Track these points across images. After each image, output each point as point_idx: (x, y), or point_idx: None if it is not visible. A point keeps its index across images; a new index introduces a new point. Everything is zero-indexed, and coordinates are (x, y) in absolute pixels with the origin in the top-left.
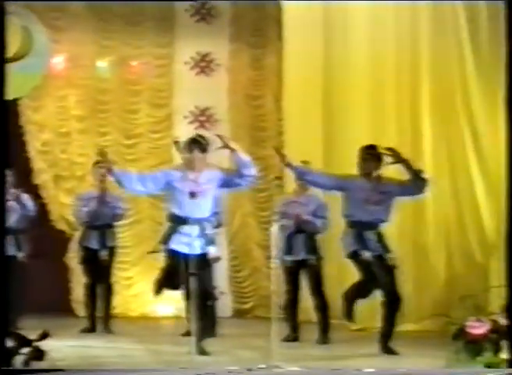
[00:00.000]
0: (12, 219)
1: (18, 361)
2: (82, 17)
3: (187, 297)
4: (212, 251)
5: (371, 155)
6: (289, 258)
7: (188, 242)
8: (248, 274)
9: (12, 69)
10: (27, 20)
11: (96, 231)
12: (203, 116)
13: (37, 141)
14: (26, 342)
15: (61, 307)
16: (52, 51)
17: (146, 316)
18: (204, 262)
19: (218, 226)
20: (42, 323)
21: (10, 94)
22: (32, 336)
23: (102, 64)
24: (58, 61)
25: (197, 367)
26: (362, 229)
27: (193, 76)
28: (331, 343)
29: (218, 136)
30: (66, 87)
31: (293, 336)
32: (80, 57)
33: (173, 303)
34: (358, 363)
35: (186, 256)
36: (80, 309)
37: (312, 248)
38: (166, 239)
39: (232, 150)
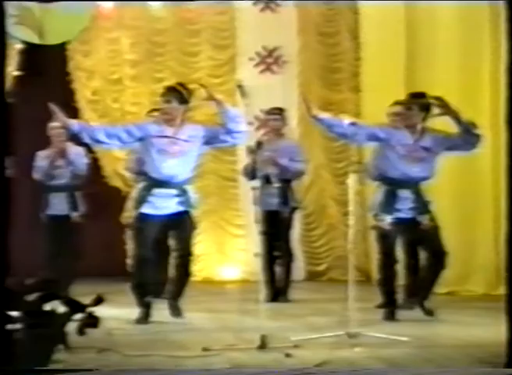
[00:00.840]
0: (64, 177)
1: (71, 328)
2: None
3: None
4: (193, 211)
5: (417, 104)
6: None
7: (162, 204)
8: (322, 233)
9: (55, 10)
10: None
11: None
12: (270, 58)
13: (87, 89)
14: (80, 308)
15: (116, 271)
16: None
17: (210, 279)
18: (184, 222)
19: (298, 175)
20: (93, 288)
21: (56, 38)
22: (86, 301)
23: (156, 2)
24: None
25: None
26: (397, 187)
27: (258, 13)
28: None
29: (201, 85)
30: (118, 28)
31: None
32: None
33: (240, 265)
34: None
35: (159, 218)
36: None
37: None
38: (139, 204)
39: (219, 102)
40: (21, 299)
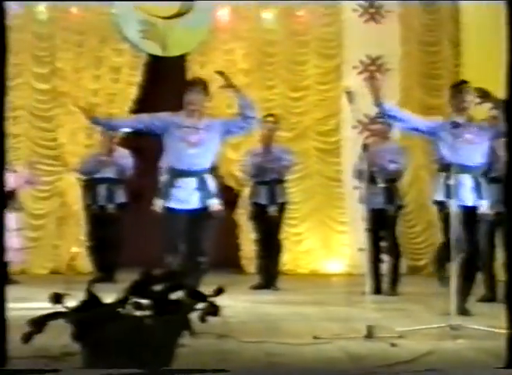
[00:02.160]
0: None
1: (194, 316)
2: None
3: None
4: (214, 204)
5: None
6: None
7: (185, 198)
8: (422, 230)
9: (177, 25)
10: None
11: (265, 186)
12: (373, 66)
13: None
14: (202, 297)
15: (230, 263)
16: (216, 4)
17: (316, 272)
18: (204, 218)
19: (398, 176)
20: (213, 280)
21: (177, 50)
22: (207, 291)
23: (268, 15)
24: (223, 14)
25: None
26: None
27: (362, 24)
28: None
29: (219, 73)
30: (232, 40)
31: (490, 296)
32: (244, 9)
33: (345, 260)
34: None
35: (183, 213)
36: (249, 266)
37: None
38: (162, 195)
39: (235, 89)
40: (149, 289)
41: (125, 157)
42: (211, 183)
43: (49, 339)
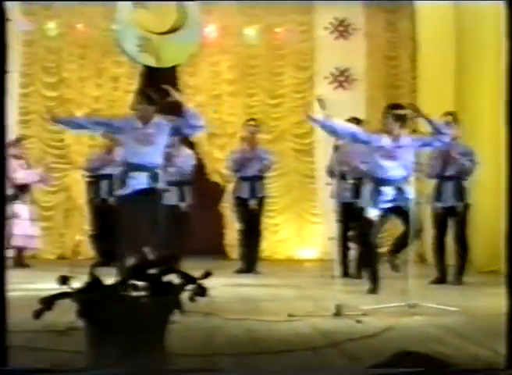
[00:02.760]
0: (173, 173)
1: (184, 297)
2: None
3: None
4: (159, 185)
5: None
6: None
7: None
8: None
9: (169, 40)
10: None
11: (247, 182)
12: (342, 77)
13: (192, 103)
14: (191, 280)
15: (216, 250)
16: (204, 22)
17: (291, 258)
18: (153, 195)
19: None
20: (200, 264)
21: (169, 62)
22: (196, 275)
23: (250, 32)
24: (211, 30)
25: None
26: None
27: (333, 41)
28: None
29: (166, 88)
30: (218, 53)
31: (440, 279)
32: (229, 26)
33: (317, 247)
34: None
35: (134, 195)
36: (232, 252)
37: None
38: (119, 185)
39: (182, 103)
40: (145, 272)
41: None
42: (162, 177)
43: (57, 316)
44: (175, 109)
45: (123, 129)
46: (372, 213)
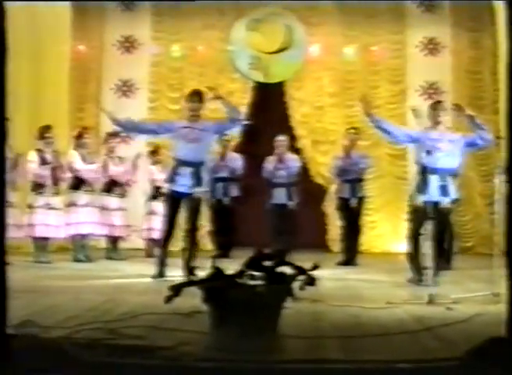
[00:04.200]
0: (284, 175)
1: (295, 285)
2: (330, 13)
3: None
4: (198, 190)
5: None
6: None
7: (184, 183)
8: (470, 218)
9: (277, 58)
10: (289, 19)
11: (348, 184)
12: (431, 89)
13: (298, 114)
14: (302, 271)
15: (320, 245)
16: (309, 42)
17: (386, 252)
18: (192, 200)
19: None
20: (307, 257)
21: (277, 78)
22: (305, 266)
23: (348, 50)
24: (314, 50)
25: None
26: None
27: (423, 57)
28: None
29: (209, 88)
30: (321, 70)
31: None
32: (330, 46)
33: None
34: None
35: (180, 195)
36: (335, 246)
37: None
38: (169, 179)
39: (222, 99)
40: (261, 264)
41: (236, 160)
42: (203, 173)
43: (183, 301)
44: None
45: (176, 129)
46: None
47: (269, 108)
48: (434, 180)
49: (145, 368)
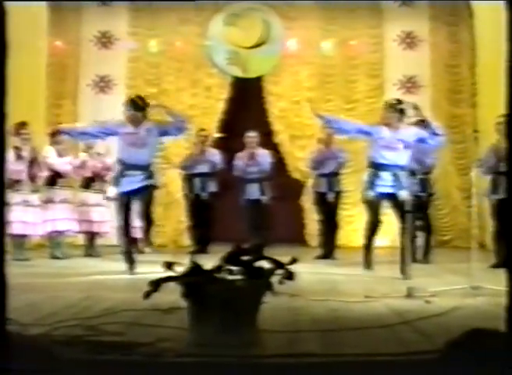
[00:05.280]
0: (256, 171)
1: (274, 280)
2: (308, 8)
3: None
4: (152, 182)
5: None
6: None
7: (133, 182)
8: (448, 212)
9: (255, 53)
10: (266, 13)
11: (324, 178)
12: (409, 83)
13: (276, 109)
14: (280, 265)
15: (298, 239)
16: (286, 36)
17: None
18: (146, 191)
19: (428, 172)
20: (284, 251)
21: (255, 73)
22: (283, 261)
23: (326, 45)
24: (292, 44)
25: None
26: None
27: (401, 51)
28: None
29: (158, 105)
30: (298, 64)
31: (500, 263)
32: (308, 40)
33: (388, 235)
34: None
35: (130, 193)
36: (312, 240)
37: None
38: (116, 182)
39: (165, 108)
40: (239, 259)
41: (215, 155)
42: (155, 173)
43: (162, 297)
44: None
45: (119, 132)
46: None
47: (247, 103)
48: (385, 176)
49: (125, 364)
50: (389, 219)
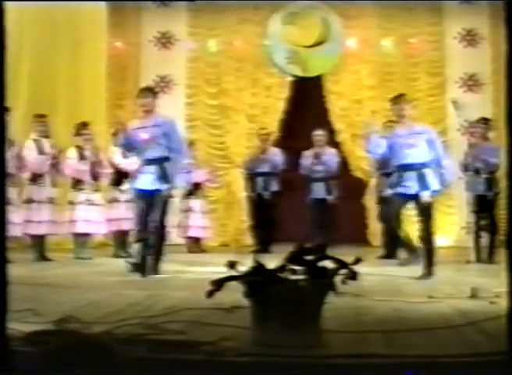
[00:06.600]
0: (322, 170)
1: (337, 279)
2: (367, 6)
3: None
4: (166, 187)
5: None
6: None
7: (148, 180)
8: None
9: (315, 52)
10: (325, 12)
11: (386, 177)
12: (470, 81)
13: (336, 107)
14: (344, 265)
15: (359, 238)
16: (346, 35)
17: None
18: (158, 197)
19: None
20: (347, 251)
21: (315, 72)
22: (347, 261)
23: (386, 43)
24: (352, 42)
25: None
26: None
27: (462, 49)
28: None
29: None
30: (358, 63)
31: None
32: (368, 38)
33: (452, 235)
34: None
35: (145, 192)
36: (374, 240)
37: None
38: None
39: None
40: (302, 258)
41: (277, 155)
42: (170, 170)
43: (224, 296)
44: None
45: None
46: None
47: (308, 102)
48: (409, 175)
49: (187, 363)
50: (452, 218)
